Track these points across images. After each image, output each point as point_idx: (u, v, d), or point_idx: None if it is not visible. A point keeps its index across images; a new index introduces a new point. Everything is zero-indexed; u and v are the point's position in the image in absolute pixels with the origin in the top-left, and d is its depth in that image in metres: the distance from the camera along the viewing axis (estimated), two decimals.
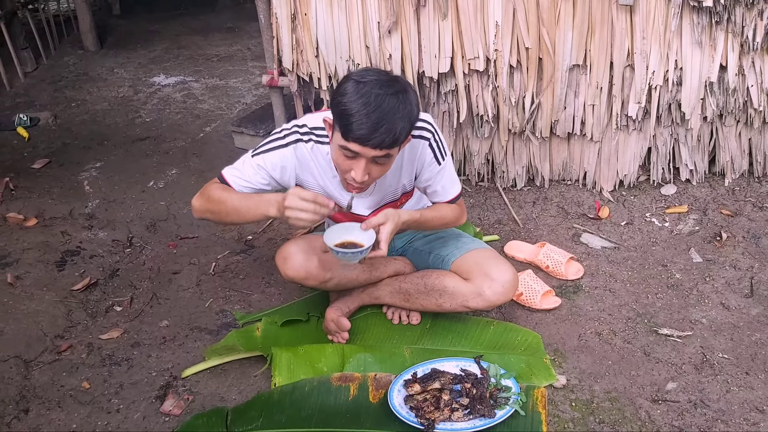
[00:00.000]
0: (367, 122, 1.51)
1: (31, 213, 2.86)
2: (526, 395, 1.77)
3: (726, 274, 2.27)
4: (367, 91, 1.52)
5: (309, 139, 1.81)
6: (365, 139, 1.53)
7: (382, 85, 1.54)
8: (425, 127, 1.82)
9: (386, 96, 1.52)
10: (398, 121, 1.53)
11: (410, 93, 1.58)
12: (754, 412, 1.75)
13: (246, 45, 4.88)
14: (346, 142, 1.57)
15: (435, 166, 1.86)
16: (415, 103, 1.59)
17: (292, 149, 1.81)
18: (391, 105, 1.52)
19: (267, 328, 2.09)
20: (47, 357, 2.08)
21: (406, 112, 1.55)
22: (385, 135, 1.53)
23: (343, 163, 1.65)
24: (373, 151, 1.56)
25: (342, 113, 1.55)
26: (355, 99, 1.52)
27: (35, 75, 4.47)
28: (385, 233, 1.71)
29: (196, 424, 1.78)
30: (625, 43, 2.45)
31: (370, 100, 1.51)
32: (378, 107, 1.51)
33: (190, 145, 3.43)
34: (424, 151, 1.83)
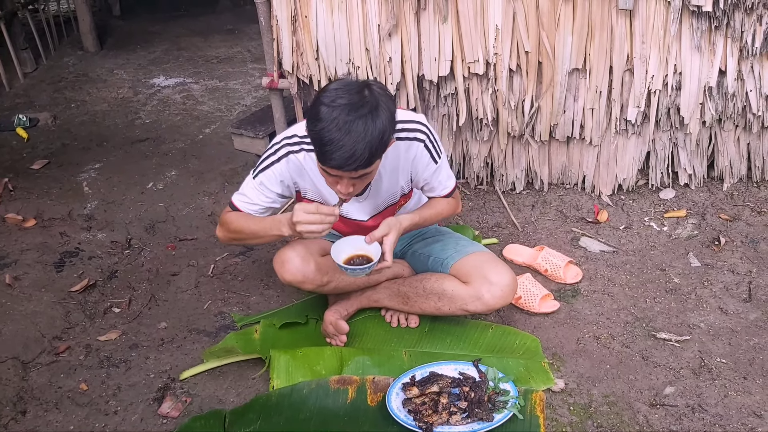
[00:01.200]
0: (339, 151, 1.54)
1: (30, 214, 2.86)
2: (525, 399, 1.77)
3: (724, 278, 2.27)
4: (337, 117, 1.53)
5: (300, 149, 1.83)
6: (340, 167, 1.57)
7: (351, 109, 1.53)
8: (419, 129, 1.83)
9: (356, 120, 1.53)
10: (369, 145, 1.55)
11: (381, 108, 1.57)
12: (751, 416, 1.75)
13: (246, 47, 4.88)
14: (324, 165, 1.61)
15: (432, 165, 1.89)
16: (386, 117, 1.58)
17: (284, 162, 1.84)
18: (361, 129, 1.53)
19: (265, 331, 2.09)
20: (45, 358, 2.07)
21: (377, 131, 1.55)
22: (359, 161, 1.56)
23: (326, 180, 1.71)
24: (350, 174, 1.60)
25: (315, 141, 1.59)
26: (326, 126, 1.53)
27: (35, 75, 4.47)
28: (388, 243, 1.77)
29: (194, 427, 1.78)
30: (624, 47, 2.46)
31: (341, 126, 1.52)
32: (348, 133, 1.52)
33: (189, 147, 3.44)
34: (421, 152, 1.84)
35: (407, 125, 1.82)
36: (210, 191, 3.00)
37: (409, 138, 1.82)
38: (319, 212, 1.67)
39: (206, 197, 2.95)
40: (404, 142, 1.82)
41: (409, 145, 1.82)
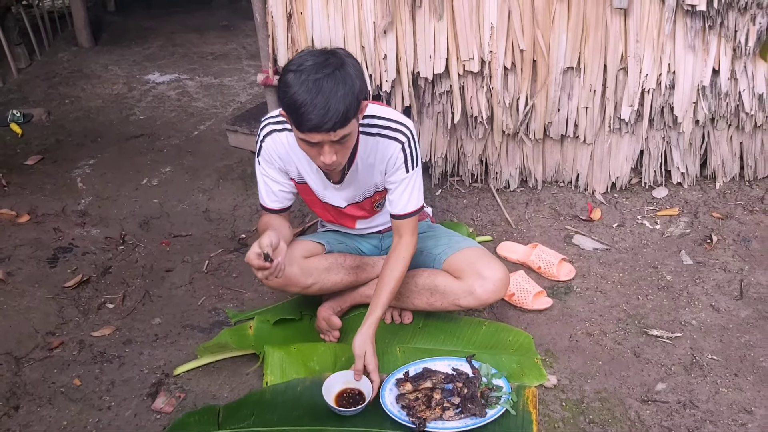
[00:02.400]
0: (314, 111, 1.53)
1: (24, 209, 2.85)
2: (517, 395, 1.78)
3: (716, 276, 2.29)
4: (305, 78, 1.53)
5: (283, 128, 1.84)
6: (318, 127, 1.55)
7: (318, 68, 1.54)
8: (401, 131, 1.81)
9: (324, 78, 1.53)
10: (342, 99, 1.54)
11: (348, 66, 1.58)
12: (742, 413, 1.76)
13: (241, 43, 4.88)
14: (303, 134, 1.59)
15: (402, 171, 1.84)
16: (355, 74, 1.58)
17: (270, 140, 1.85)
18: (331, 85, 1.53)
19: (259, 327, 2.09)
20: (38, 354, 2.07)
21: (348, 86, 1.55)
22: (335, 117, 1.54)
23: (309, 152, 1.67)
24: (329, 135, 1.58)
25: (289, 108, 1.57)
26: (297, 90, 1.54)
27: (29, 71, 4.45)
28: (371, 362, 1.79)
29: (187, 422, 1.78)
30: (618, 46, 2.47)
31: (311, 87, 1.52)
32: (319, 92, 1.52)
33: (184, 143, 3.43)
34: (397, 153, 1.82)
35: (394, 125, 1.81)
36: (204, 188, 3.00)
37: (390, 137, 1.81)
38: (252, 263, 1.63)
39: (201, 194, 2.95)
40: (385, 139, 1.81)
41: (388, 143, 1.81)
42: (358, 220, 2.07)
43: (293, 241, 2.01)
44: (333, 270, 1.98)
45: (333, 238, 2.11)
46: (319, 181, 1.92)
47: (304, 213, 2.75)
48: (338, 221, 2.09)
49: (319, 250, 2.02)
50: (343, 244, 2.10)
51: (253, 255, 1.62)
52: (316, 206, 2.05)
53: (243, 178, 3.03)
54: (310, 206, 2.09)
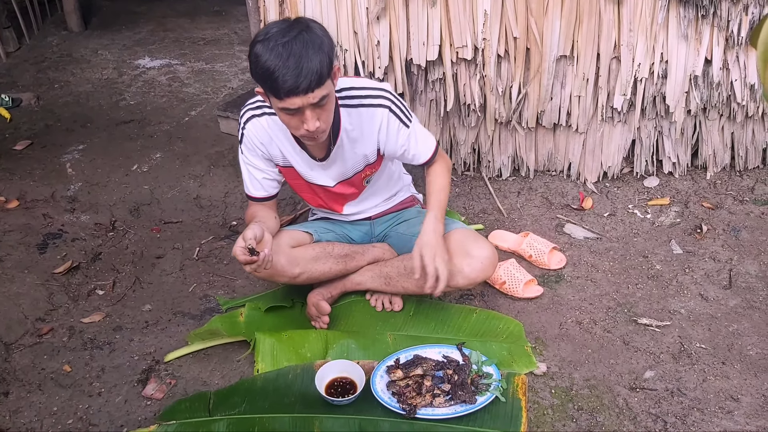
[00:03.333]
0: (288, 72, 1.53)
1: (13, 195, 2.83)
2: (507, 382, 1.79)
3: (705, 265, 2.30)
4: (274, 44, 1.54)
5: (262, 113, 1.85)
6: (295, 88, 1.55)
7: (285, 32, 1.56)
8: (381, 95, 1.83)
9: (292, 41, 1.54)
10: (314, 57, 1.55)
11: (314, 28, 1.59)
12: (729, 400, 1.78)
13: (233, 29, 4.83)
14: (282, 101, 1.59)
15: (404, 130, 1.88)
16: (322, 34, 1.60)
17: (250, 126, 1.86)
18: (300, 46, 1.54)
19: (251, 314, 2.09)
20: (28, 340, 2.06)
21: (316, 45, 1.56)
22: (310, 76, 1.54)
23: (291, 122, 1.67)
24: (308, 98, 1.58)
25: (263, 76, 1.57)
26: (267, 57, 1.54)
27: (18, 55, 4.39)
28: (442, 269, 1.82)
29: (178, 409, 1.79)
30: (612, 34, 2.46)
31: (280, 51, 1.53)
32: (290, 54, 1.53)
33: (174, 129, 3.41)
34: (387, 118, 1.83)
35: (370, 92, 1.82)
36: (195, 174, 2.98)
37: (372, 105, 1.81)
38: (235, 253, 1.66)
39: (192, 180, 2.94)
40: (367, 109, 1.82)
41: (373, 112, 1.82)
42: (347, 203, 2.07)
43: (280, 231, 2.00)
44: (321, 259, 1.98)
45: (321, 227, 2.10)
46: (303, 162, 1.91)
47: (296, 200, 2.74)
48: (328, 205, 2.08)
49: (307, 239, 2.02)
50: (332, 233, 2.10)
51: (239, 250, 1.65)
52: (304, 191, 2.04)
53: (234, 165, 3.02)
54: (298, 192, 2.07)
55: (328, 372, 1.81)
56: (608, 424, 1.73)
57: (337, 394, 1.77)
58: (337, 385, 1.80)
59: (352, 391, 1.76)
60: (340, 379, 1.81)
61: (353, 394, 1.74)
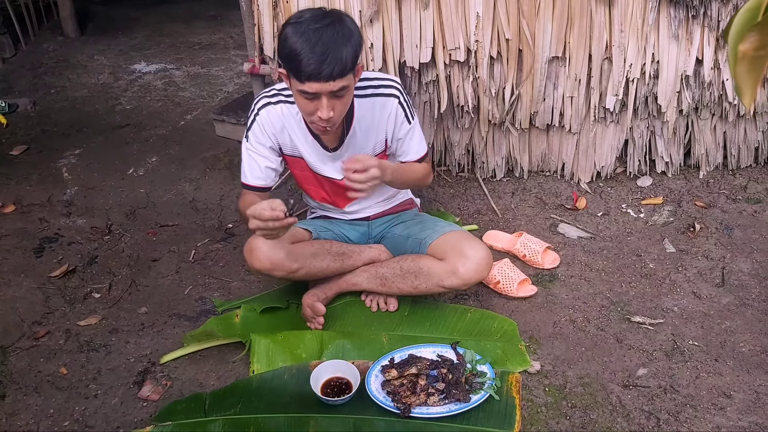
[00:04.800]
0: (313, 56, 1.56)
1: (9, 199, 2.83)
2: (501, 380, 1.80)
3: (698, 264, 2.32)
4: (305, 29, 1.57)
5: (278, 101, 1.88)
6: (317, 73, 1.57)
7: (318, 19, 1.59)
8: (393, 86, 1.88)
9: (324, 28, 1.57)
10: (342, 48, 1.58)
11: (346, 21, 1.62)
12: (721, 397, 1.79)
13: (228, 33, 4.85)
14: (302, 84, 1.61)
15: (406, 124, 1.93)
16: (353, 28, 1.63)
17: (264, 113, 1.89)
18: (330, 35, 1.57)
19: (246, 315, 2.10)
20: (25, 343, 2.07)
21: (346, 37, 1.59)
22: (334, 64, 1.57)
23: (306, 107, 1.69)
24: (328, 85, 1.60)
25: (288, 57, 1.60)
26: (296, 39, 1.57)
27: (14, 61, 4.41)
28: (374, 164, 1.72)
29: (174, 410, 1.79)
30: (603, 35, 2.48)
31: (310, 36, 1.56)
32: (319, 40, 1.56)
33: (170, 133, 3.42)
34: (396, 109, 1.89)
35: (382, 82, 1.87)
36: (191, 177, 2.99)
37: (384, 94, 1.86)
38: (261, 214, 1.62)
39: (187, 183, 2.95)
40: (380, 98, 1.86)
41: (384, 101, 1.87)
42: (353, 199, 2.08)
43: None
44: (319, 256, 1.99)
45: (320, 225, 2.12)
46: (314, 153, 1.94)
47: (290, 203, 2.75)
48: (331, 199, 2.09)
49: (306, 236, 2.03)
50: (330, 231, 2.11)
51: (260, 209, 1.61)
52: (310, 183, 2.06)
53: (230, 168, 3.03)
54: (302, 184, 2.09)
55: (323, 372, 1.82)
56: (602, 421, 1.74)
57: (333, 394, 1.78)
58: (333, 385, 1.81)
59: (347, 391, 1.77)
60: (335, 379, 1.82)
61: (348, 394, 1.75)
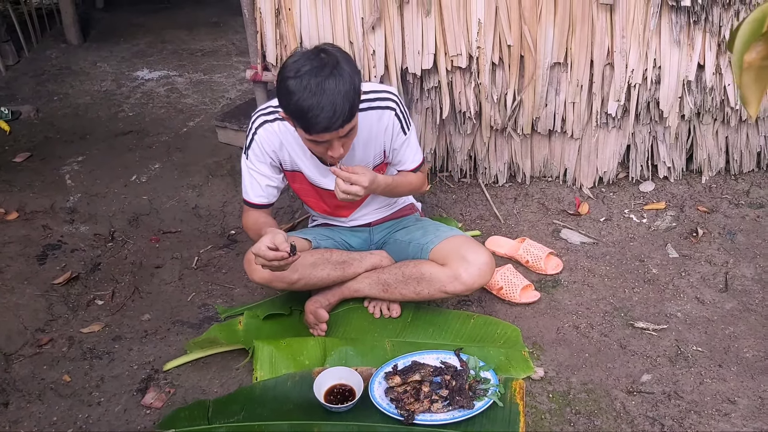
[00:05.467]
0: (322, 113, 1.57)
1: (12, 207, 2.84)
2: (505, 387, 1.80)
3: (701, 269, 2.31)
4: (307, 84, 1.57)
5: (275, 118, 1.88)
6: (328, 128, 1.60)
7: (318, 71, 1.58)
8: (390, 98, 1.89)
9: (325, 80, 1.57)
10: (346, 98, 1.59)
11: (342, 64, 1.62)
12: (726, 402, 1.79)
13: (231, 40, 4.86)
14: (311, 136, 1.64)
15: (402, 135, 1.94)
16: (351, 70, 1.62)
17: (262, 132, 1.89)
18: (333, 86, 1.57)
19: (249, 322, 2.10)
20: (28, 350, 2.07)
21: (348, 84, 1.60)
22: (342, 116, 1.59)
23: (316, 149, 1.73)
24: (338, 133, 1.63)
25: (295, 114, 1.62)
26: (301, 96, 1.58)
27: (17, 68, 4.42)
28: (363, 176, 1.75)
29: (178, 417, 1.79)
30: (605, 41, 2.48)
31: (315, 91, 1.57)
32: (323, 93, 1.57)
33: (173, 140, 3.43)
34: (393, 121, 1.89)
35: (379, 95, 1.88)
36: (194, 184, 2.99)
37: (380, 107, 1.87)
38: (265, 255, 1.64)
39: (190, 190, 2.95)
40: (376, 111, 1.87)
41: (381, 114, 1.87)
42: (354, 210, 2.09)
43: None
44: (319, 265, 1.99)
45: (320, 234, 2.12)
46: (314, 167, 1.95)
47: (293, 209, 2.76)
48: (332, 211, 2.10)
49: (306, 246, 2.03)
50: (330, 240, 2.12)
51: (264, 248, 1.64)
52: (309, 196, 2.06)
53: (232, 175, 3.03)
54: (302, 197, 2.10)
55: (326, 379, 1.82)
56: (606, 427, 1.73)
57: (336, 401, 1.77)
58: (336, 392, 1.81)
59: (351, 398, 1.77)
60: (338, 386, 1.82)
61: (352, 401, 1.75)
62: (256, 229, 1.88)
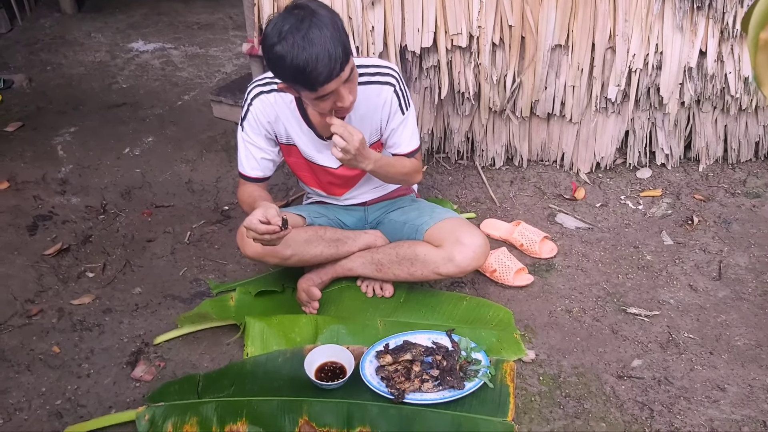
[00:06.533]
0: (319, 63, 1.54)
1: (3, 176, 2.80)
2: (496, 368, 1.80)
3: (695, 257, 2.31)
4: (293, 41, 1.53)
5: (270, 90, 1.85)
6: (329, 75, 1.56)
7: (298, 27, 1.54)
8: (390, 74, 1.85)
9: (308, 31, 1.53)
10: (334, 40, 1.55)
11: (318, 11, 1.57)
12: (715, 390, 1.80)
13: (228, 14, 4.80)
14: (316, 91, 1.60)
15: (399, 114, 1.89)
16: (328, 14, 1.58)
17: (258, 102, 1.86)
18: (318, 33, 1.53)
19: (241, 298, 2.09)
20: (17, 321, 2.06)
21: (331, 27, 1.55)
22: (339, 59, 1.55)
23: (326, 106, 1.67)
24: (340, 78, 1.59)
25: (294, 75, 1.58)
26: (294, 55, 1.54)
27: (10, 37, 4.35)
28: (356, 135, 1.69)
29: (167, 391, 1.78)
30: (607, 25, 2.46)
31: (303, 45, 1.53)
32: (312, 44, 1.53)
33: (167, 113, 3.38)
34: (391, 97, 1.85)
35: (379, 69, 1.84)
36: (187, 158, 2.96)
37: (380, 82, 1.83)
38: (257, 228, 1.62)
39: (183, 164, 2.92)
40: (375, 86, 1.83)
41: (380, 89, 1.84)
42: (348, 189, 2.06)
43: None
44: (312, 242, 1.97)
45: (315, 211, 2.10)
46: (310, 142, 1.91)
47: (288, 186, 2.73)
48: (326, 188, 2.07)
49: (300, 222, 2.02)
50: (324, 217, 2.10)
51: (256, 221, 1.63)
52: (304, 170, 2.03)
53: (227, 150, 3.00)
54: (296, 171, 2.07)
55: (317, 356, 1.81)
56: (595, 411, 1.74)
57: (327, 379, 1.77)
58: (327, 370, 1.80)
59: (342, 376, 1.77)
60: (329, 363, 1.81)
61: (342, 379, 1.75)
62: (250, 203, 1.86)
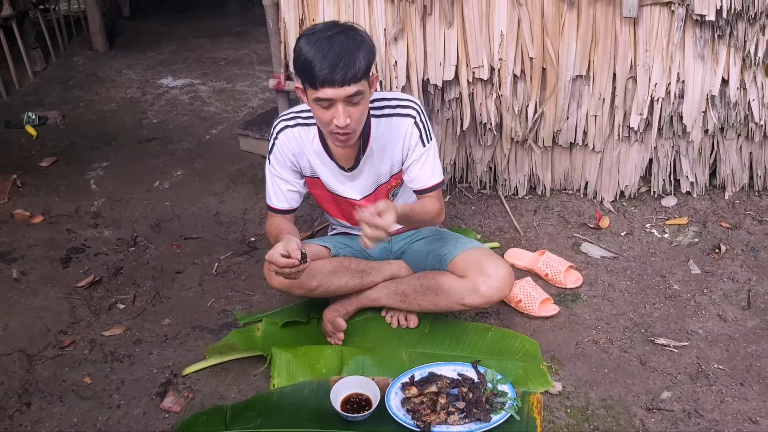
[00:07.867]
0: (326, 62, 1.59)
1: (38, 210, 2.89)
2: (522, 401, 1.79)
3: (724, 286, 2.29)
4: (318, 37, 1.61)
5: (296, 124, 1.91)
6: (331, 78, 1.60)
7: (329, 28, 1.62)
8: (410, 106, 1.89)
9: (335, 35, 1.60)
10: (354, 53, 1.60)
11: (358, 29, 1.65)
12: (747, 422, 1.76)
13: (253, 49, 4.92)
14: (316, 91, 1.64)
15: (420, 147, 1.91)
16: (365, 36, 1.65)
17: (283, 136, 1.92)
18: (342, 41, 1.60)
19: (267, 329, 2.11)
20: (50, 352, 2.10)
21: (357, 42, 1.62)
22: (347, 68, 1.59)
23: (323, 116, 1.71)
24: (342, 90, 1.62)
25: (303, 66, 1.63)
26: (309, 48, 1.61)
27: (44, 74, 4.52)
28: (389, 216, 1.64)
29: (196, 422, 1.80)
30: (628, 54, 2.48)
31: (323, 44, 1.59)
32: (331, 46, 1.59)
33: (196, 147, 3.47)
34: (411, 129, 1.88)
35: (401, 102, 1.89)
36: (215, 191, 3.03)
37: (401, 114, 1.87)
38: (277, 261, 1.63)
39: (212, 197, 2.99)
40: (396, 118, 1.87)
41: (401, 121, 1.88)
42: None
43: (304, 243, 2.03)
44: (338, 273, 2.00)
45: (339, 242, 2.13)
46: (331, 174, 1.96)
47: (313, 217, 2.77)
48: (350, 220, 2.10)
49: (325, 253, 2.04)
50: (349, 248, 2.12)
51: (277, 255, 1.65)
52: (328, 202, 2.08)
53: (253, 182, 3.06)
54: (321, 203, 2.11)
55: (343, 388, 1.82)
56: None
57: (352, 410, 1.78)
58: (352, 402, 1.81)
59: (367, 408, 1.77)
60: (355, 395, 1.82)
61: (368, 411, 1.75)
62: (275, 235, 1.90)
